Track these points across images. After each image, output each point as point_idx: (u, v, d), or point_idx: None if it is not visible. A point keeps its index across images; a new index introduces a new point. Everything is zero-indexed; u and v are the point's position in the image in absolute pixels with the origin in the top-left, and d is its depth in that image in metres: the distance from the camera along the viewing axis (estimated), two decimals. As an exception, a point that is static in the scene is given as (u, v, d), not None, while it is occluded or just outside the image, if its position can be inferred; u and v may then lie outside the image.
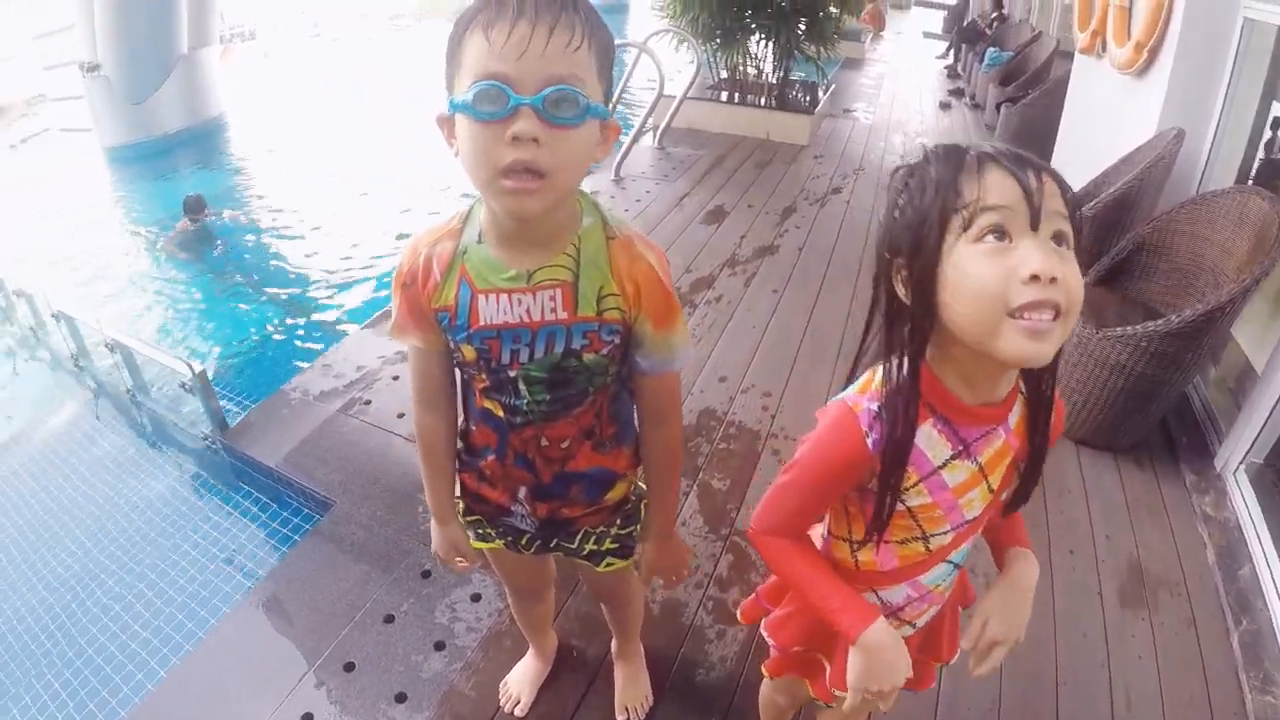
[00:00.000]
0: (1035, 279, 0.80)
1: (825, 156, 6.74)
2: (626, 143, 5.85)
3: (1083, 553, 2.51)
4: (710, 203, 5.41)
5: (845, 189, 5.92)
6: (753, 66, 7.54)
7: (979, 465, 0.99)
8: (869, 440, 0.96)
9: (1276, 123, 3.16)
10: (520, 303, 1.08)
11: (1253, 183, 3.24)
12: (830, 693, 1.25)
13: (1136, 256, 3.20)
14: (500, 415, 1.21)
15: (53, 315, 3.69)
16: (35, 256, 6.66)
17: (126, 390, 3.36)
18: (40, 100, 12.55)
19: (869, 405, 0.97)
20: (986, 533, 1.16)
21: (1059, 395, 1.01)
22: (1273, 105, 3.19)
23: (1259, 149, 3.29)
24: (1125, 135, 3.76)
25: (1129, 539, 2.58)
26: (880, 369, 0.97)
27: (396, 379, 3.16)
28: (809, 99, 7.73)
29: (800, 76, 8.15)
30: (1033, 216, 0.81)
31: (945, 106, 9.39)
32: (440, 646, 2.06)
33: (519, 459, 1.26)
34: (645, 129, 6.23)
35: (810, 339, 3.68)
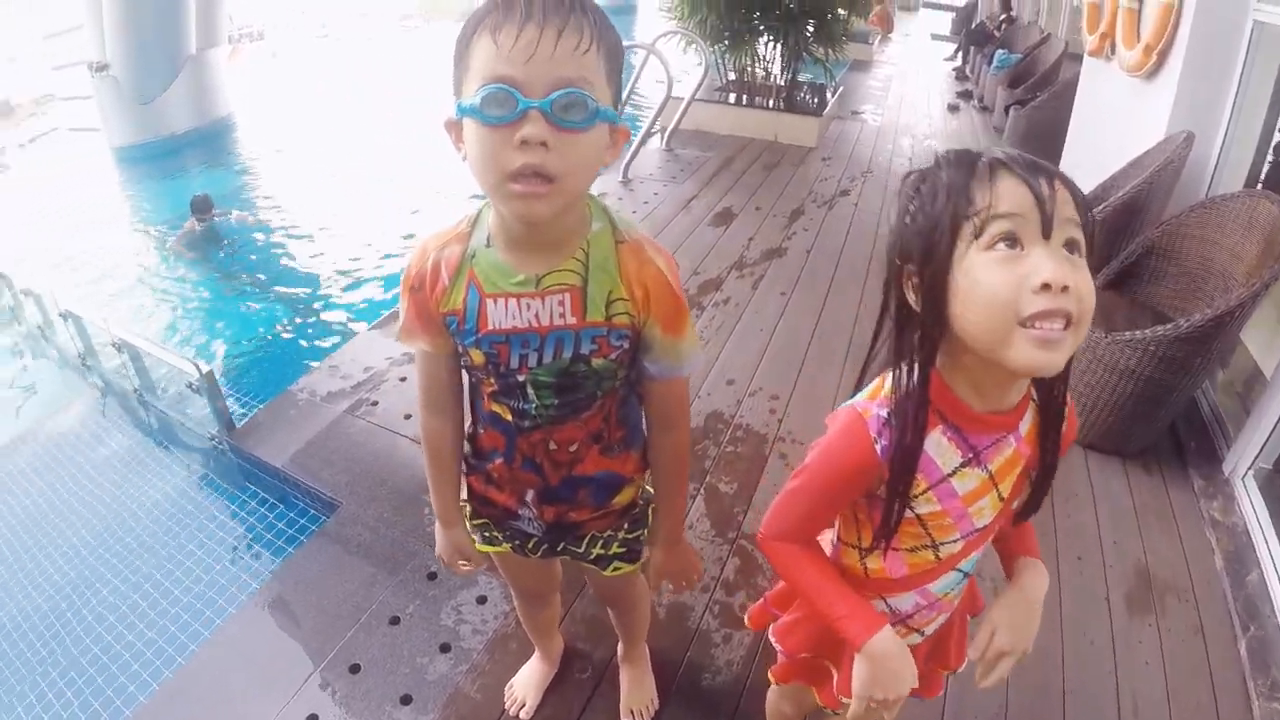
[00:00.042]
0: (1046, 288, 0.79)
1: (833, 159, 6.72)
2: (635, 144, 5.85)
3: (1090, 558, 2.50)
4: (718, 204, 5.40)
5: (853, 191, 5.89)
6: (761, 68, 7.52)
7: (989, 473, 0.98)
8: (878, 446, 0.96)
9: (1287, 126, 3.14)
10: (529, 308, 1.08)
11: (1262, 186, 3.23)
12: (837, 700, 1.24)
13: (1145, 260, 3.18)
14: (508, 419, 1.21)
15: (60, 314, 3.70)
16: (42, 255, 6.67)
17: (134, 390, 3.37)
18: (49, 99, 12.61)
19: (878, 411, 0.97)
20: (996, 541, 1.15)
21: (1071, 402, 1.00)
22: (1283, 108, 3.17)
23: (1269, 152, 3.27)
24: (1134, 138, 3.74)
25: (1137, 544, 2.57)
26: (890, 375, 0.97)
27: (404, 380, 3.16)
28: (817, 101, 7.71)
29: (808, 78, 8.12)
30: (1045, 224, 0.81)
31: (953, 109, 9.34)
32: (446, 649, 2.06)
33: (526, 462, 1.26)
34: (653, 130, 6.22)
35: (818, 342, 3.67)
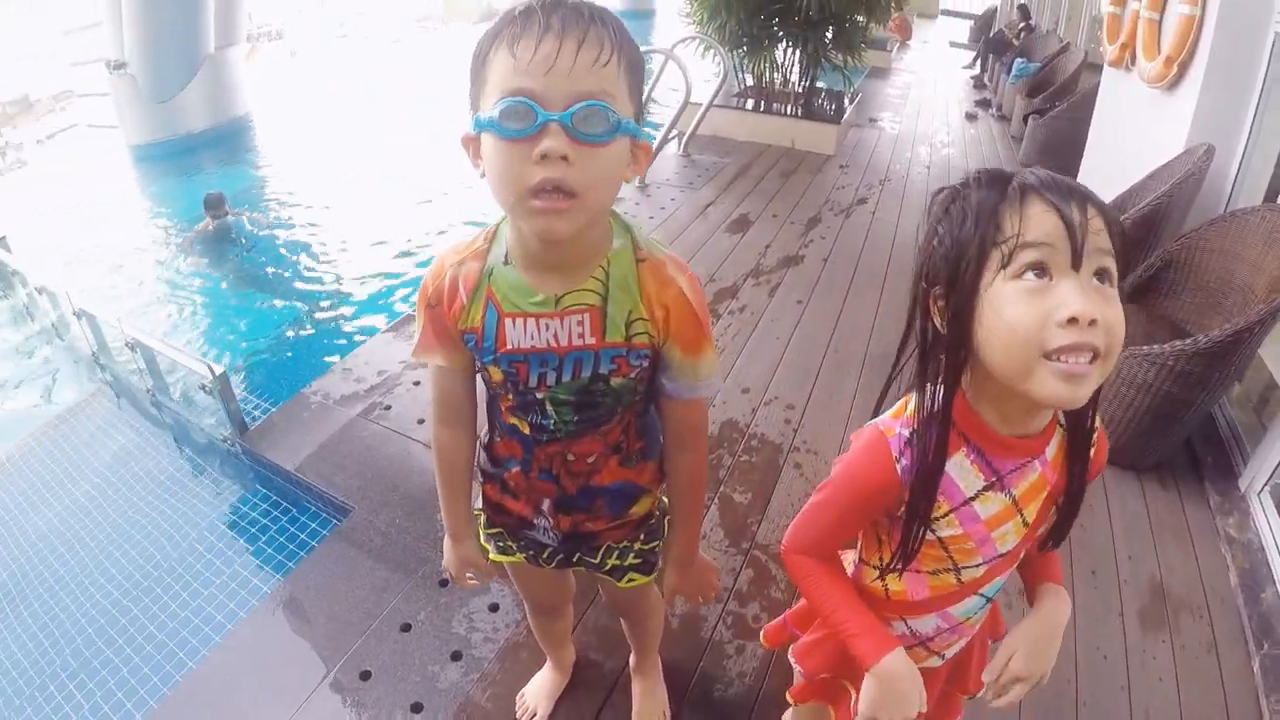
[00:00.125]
0: (1074, 322, 0.78)
1: (851, 166, 6.69)
2: (652, 149, 5.83)
3: (1104, 573, 2.48)
4: (735, 211, 5.39)
5: (871, 199, 5.87)
6: (779, 75, 7.51)
7: (1013, 498, 0.97)
8: (899, 466, 0.95)
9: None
10: (547, 328, 1.07)
11: (1283, 200, 3.20)
12: (854, 720, 1.24)
13: (1164, 273, 3.16)
14: (526, 432, 1.20)
15: (75, 313, 3.72)
16: (58, 252, 6.69)
17: (146, 390, 3.38)
18: (68, 96, 12.71)
19: (901, 431, 0.96)
20: (1019, 566, 1.13)
21: (1101, 428, 0.98)
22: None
23: (1290, 166, 3.24)
24: (1154, 150, 3.71)
25: (1151, 559, 2.55)
26: (915, 395, 0.96)
27: (417, 384, 3.16)
28: (835, 108, 7.67)
29: (826, 85, 8.10)
30: (1075, 256, 0.79)
31: (971, 117, 9.28)
32: (457, 656, 2.05)
33: (544, 472, 1.25)
34: (671, 136, 6.20)
35: (834, 352, 3.65)
